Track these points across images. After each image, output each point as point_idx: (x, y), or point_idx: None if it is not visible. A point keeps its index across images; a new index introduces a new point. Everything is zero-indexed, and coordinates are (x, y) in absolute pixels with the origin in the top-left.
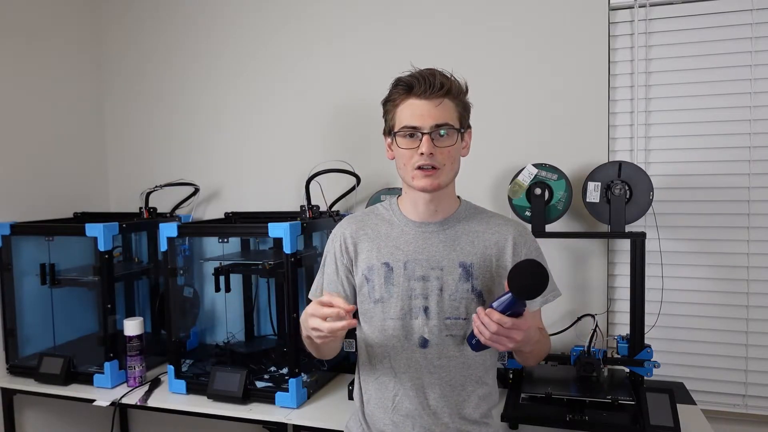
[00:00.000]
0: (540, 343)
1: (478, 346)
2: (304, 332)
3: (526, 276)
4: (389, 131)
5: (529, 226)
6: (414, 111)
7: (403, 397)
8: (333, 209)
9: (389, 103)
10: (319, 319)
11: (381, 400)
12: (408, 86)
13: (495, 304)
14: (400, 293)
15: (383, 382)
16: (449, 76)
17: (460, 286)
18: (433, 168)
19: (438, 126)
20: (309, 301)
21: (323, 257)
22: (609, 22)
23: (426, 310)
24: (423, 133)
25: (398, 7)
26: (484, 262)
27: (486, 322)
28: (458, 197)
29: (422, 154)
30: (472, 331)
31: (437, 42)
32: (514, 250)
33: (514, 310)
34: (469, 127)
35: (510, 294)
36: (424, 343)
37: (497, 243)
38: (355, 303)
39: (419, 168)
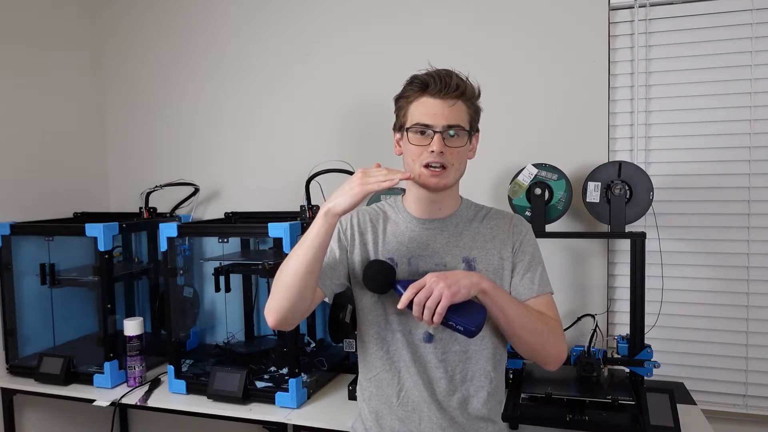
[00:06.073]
0: (529, 316)
1: (456, 326)
2: (286, 266)
3: (373, 276)
4: (400, 127)
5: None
6: (427, 109)
7: (410, 391)
8: None
9: (402, 99)
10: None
11: (385, 396)
12: (423, 84)
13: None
14: None
15: (387, 378)
16: (465, 79)
17: None
18: (442, 167)
19: (450, 126)
20: None
21: None
22: (609, 22)
23: None
24: (435, 132)
25: (399, 7)
26: (486, 256)
27: (416, 312)
28: (460, 196)
29: (432, 152)
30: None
31: (437, 42)
32: (513, 239)
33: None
34: (477, 130)
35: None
36: (429, 338)
37: (496, 236)
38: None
39: (427, 166)
